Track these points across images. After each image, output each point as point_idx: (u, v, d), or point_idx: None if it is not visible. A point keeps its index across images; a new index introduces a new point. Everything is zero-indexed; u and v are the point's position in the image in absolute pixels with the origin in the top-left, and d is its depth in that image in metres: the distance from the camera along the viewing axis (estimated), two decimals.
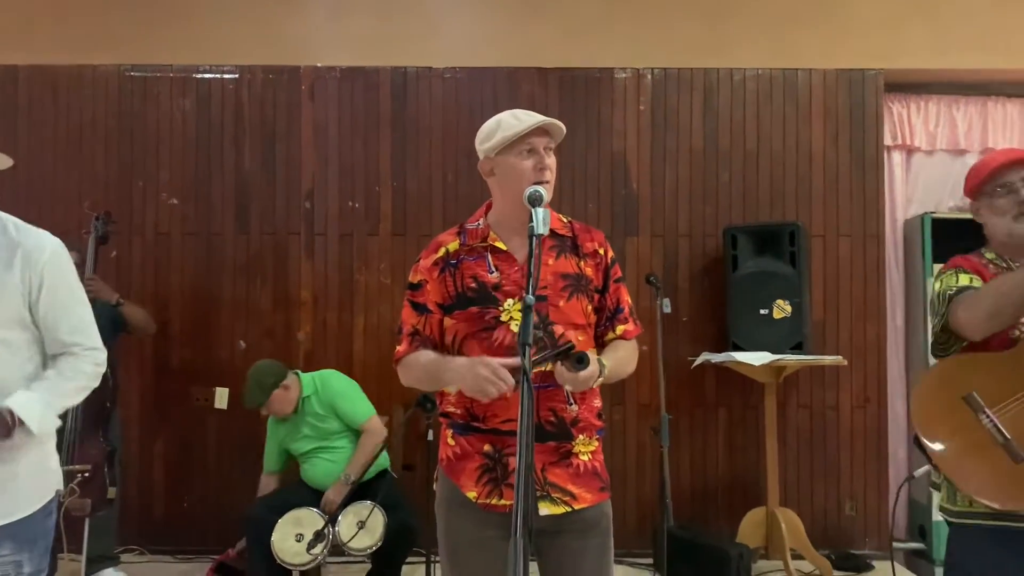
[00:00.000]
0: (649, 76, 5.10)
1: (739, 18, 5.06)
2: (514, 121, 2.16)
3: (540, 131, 2.18)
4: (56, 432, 2.20)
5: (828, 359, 4.52)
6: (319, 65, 5.08)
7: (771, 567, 4.60)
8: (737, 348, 4.60)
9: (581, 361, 1.86)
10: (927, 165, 5.30)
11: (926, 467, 2.19)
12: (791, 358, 4.46)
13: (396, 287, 4.98)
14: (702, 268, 5.03)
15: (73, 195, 4.98)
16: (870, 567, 4.64)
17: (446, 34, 5.08)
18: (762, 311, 4.58)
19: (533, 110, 5.10)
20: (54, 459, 2.21)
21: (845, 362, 4.65)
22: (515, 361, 1.84)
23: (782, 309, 4.55)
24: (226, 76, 5.08)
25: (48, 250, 2.11)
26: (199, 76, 5.08)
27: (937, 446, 2.13)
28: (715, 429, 5.00)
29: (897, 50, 5.03)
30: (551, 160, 2.18)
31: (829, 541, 4.84)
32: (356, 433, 4.02)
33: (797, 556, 4.58)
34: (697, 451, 4.99)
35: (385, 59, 5.07)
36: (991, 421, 2.06)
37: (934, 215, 4.95)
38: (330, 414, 4.05)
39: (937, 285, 2.25)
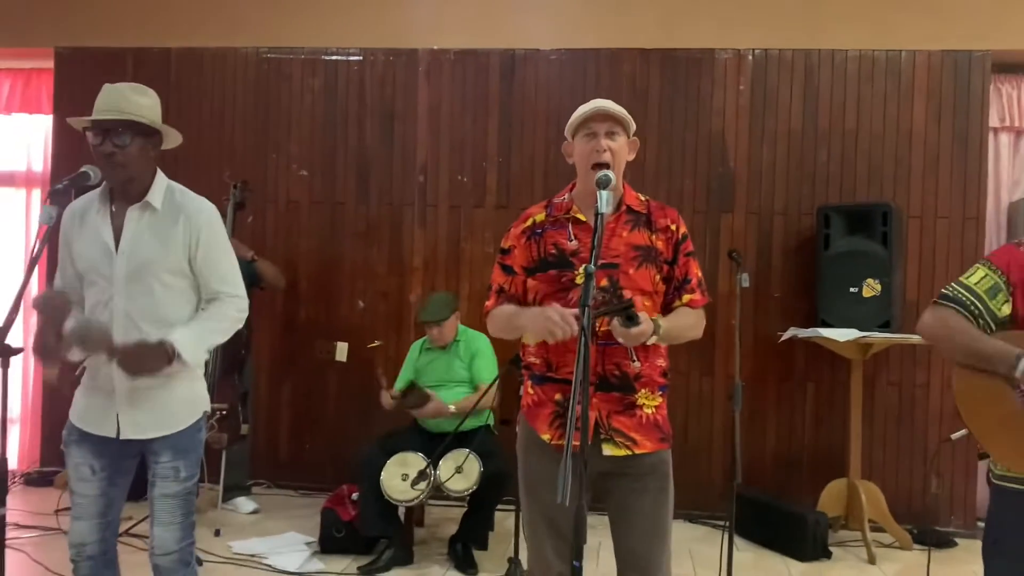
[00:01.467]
0: (750, 57, 5.23)
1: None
2: (580, 110, 2.43)
3: (601, 116, 2.39)
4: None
5: (915, 338, 4.58)
6: (434, 48, 5.45)
7: (850, 537, 4.76)
8: (826, 325, 4.73)
9: (631, 319, 2.14)
10: None
11: (963, 431, 2.37)
12: (878, 336, 4.56)
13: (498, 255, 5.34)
14: (795, 246, 5.16)
15: (215, 165, 5.55)
16: (953, 543, 4.72)
17: (551, 17, 5.36)
18: (852, 289, 4.69)
19: (634, 91, 5.39)
20: (202, 385, 2.66)
21: None
22: (575, 311, 2.12)
23: (872, 288, 4.65)
24: (351, 58, 5.52)
25: (206, 212, 2.57)
26: (326, 58, 5.55)
27: (974, 417, 2.31)
28: (802, 402, 5.16)
29: (1006, 30, 4.97)
30: (611, 143, 2.37)
31: (913, 517, 4.93)
32: (475, 389, 4.39)
33: (877, 528, 4.72)
34: (783, 423, 5.17)
35: (495, 42, 5.39)
36: (1022, 394, 2.22)
37: None
38: (467, 364, 4.46)
39: None
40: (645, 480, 2.39)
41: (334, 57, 5.54)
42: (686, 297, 2.47)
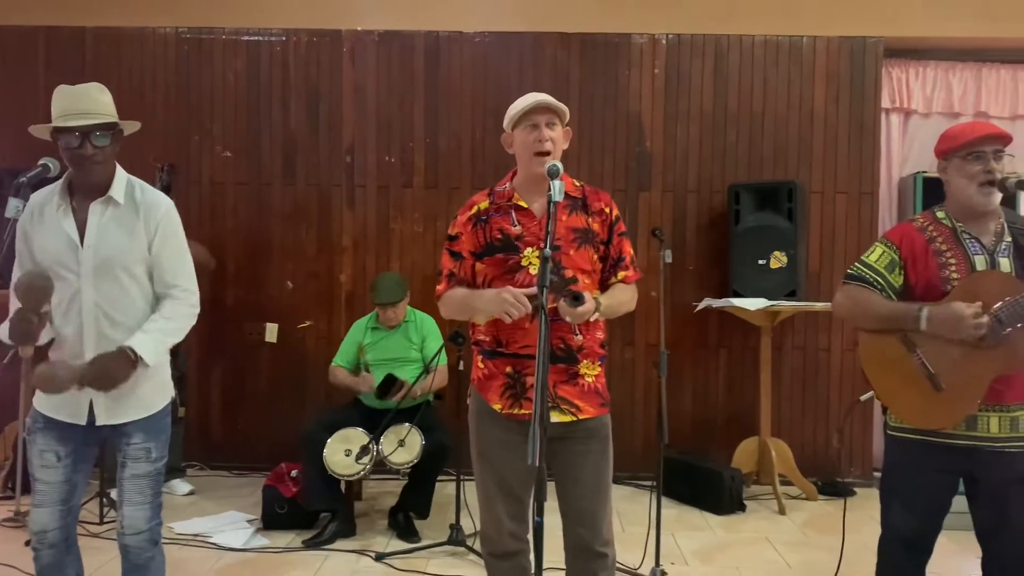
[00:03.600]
0: (664, 41, 5.49)
1: None
2: (520, 102, 2.60)
3: (541, 108, 2.57)
4: None
5: (819, 305, 4.97)
6: (359, 29, 5.51)
7: (762, 491, 5.15)
8: (737, 295, 5.07)
9: (577, 299, 2.35)
10: (923, 127, 5.67)
11: (870, 393, 2.68)
12: (784, 304, 4.93)
13: (428, 235, 5.50)
14: (708, 221, 5.49)
15: (136, 147, 5.41)
16: (852, 493, 5.14)
17: (474, 0, 5.48)
18: (760, 261, 5.04)
19: (556, 73, 5.57)
20: (168, 373, 2.76)
21: None
22: (531, 290, 2.33)
23: (779, 260, 5.00)
24: (273, 39, 5.53)
25: (164, 207, 2.65)
26: (248, 39, 5.53)
27: (878, 378, 2.62)
28: (716, 367, 5.52)
29: (897, 18, 5.38)
30: (551, 132, 2.56)
31: (817, 470, 5.36)
32: (422, 369, 4.49)
33: (786, 482, 5.13)
34: (699, 386, 5.52)
35: (419, 23, 5.49)
36: (919, 358, 2.53)
37: (926, 175, 5.29)
38: (419, 345, 4.60)
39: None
40: (588, 443, 2.60)
41: (256, 38, 5.53)
42: (621, 274, 2.68)
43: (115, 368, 2.47)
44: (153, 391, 2.65)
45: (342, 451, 4.19)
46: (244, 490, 5.11)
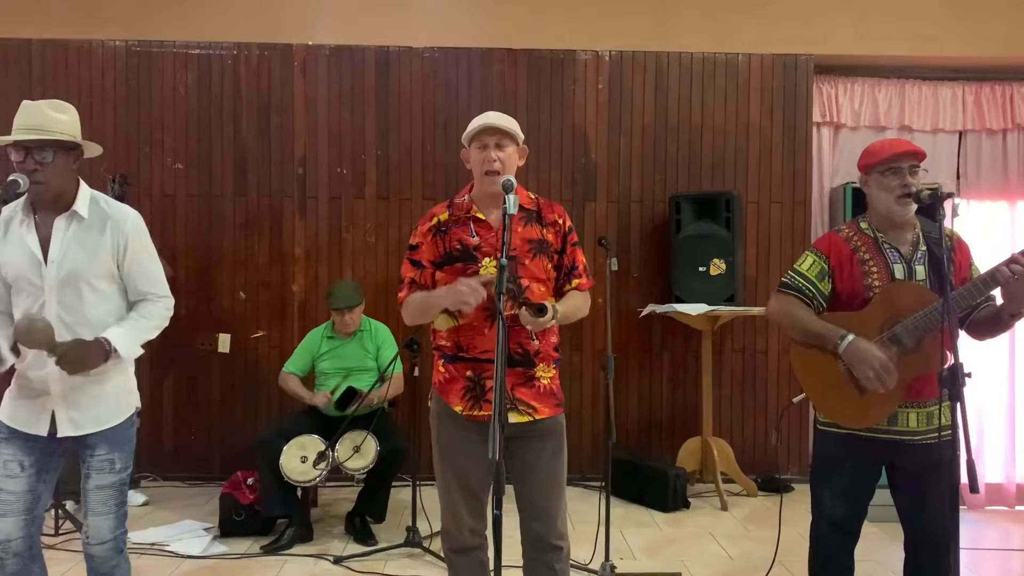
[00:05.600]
0: (607, 57, 5.70)
1: (686, 7, 5.68)
2: (474, 123, 2.76)
3: (491, 130, 2.73)
4: None
5: (756, 310, 5.22)
6: (310, 43, 5.60)
7: (705, 488, 5.38)
8: (679, 300, 5.29)
9: (541, 311, 2.51)
10: (851, 140, 5.96)
11: (802, 395, 2.89)
12: (724, 309, 5.16)
13: (380, 245, 5.61)
14: (651, 230, 5.71)
15: (87, 160, 5.43)
16: (790, 488, 5.40)
17: (425, 16, 5.63)
18: (700, 268, 5.27)
19: (503, 87, 5.75)
20: (133, 383, 2.82)
21: None
22: (486, 277, 2.49)
23: (718, 267, 5.24)
24: (224, 52, 5.58)
25: (130, 220, 2.71)
26: (199, 52, 5.58)
27: (808, 381, 2.83)
28: (660, 370, 5.73)
29: (826, 37, 5.68)
30: (499, 153, 2.72)
31: (756, 467, 5.61)
32: (382, 376, 4.57)
33: (728, 480, 5.36)
34: (644, 389, 5.72)
35: (370, 38, 5.61)
36: (843, 364, 2.74)
37: (855, 185, 5.55)
38: (374, 354, 4.71)
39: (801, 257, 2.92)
40: (544, 441, 2.75)
41: (207, 51, 5.58)
42: (575, 282, 2.84)
43: (87, 353, 2.53)
44: (114, 402, 2.71)
45: (298, 457, 4.27)
46: (198, 499, 5.13)
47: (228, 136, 5.60)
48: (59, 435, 2.62)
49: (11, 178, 2.53)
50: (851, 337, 2.67)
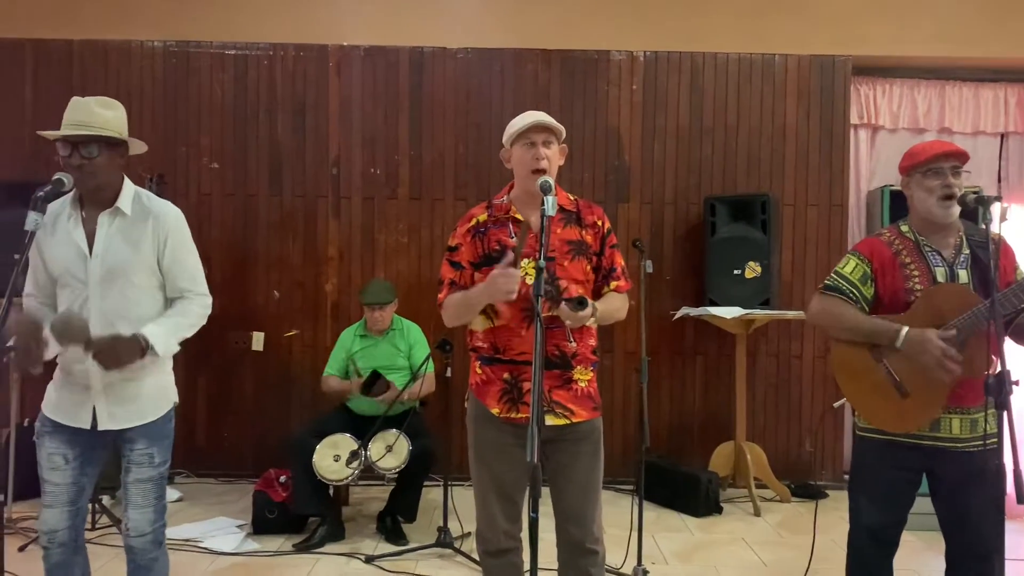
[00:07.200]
0: (642, 58, 5.67)
1: (721, 7, 5.63)
2: (519, 121, 2.74)
3: (539, 128, 2.71)
4: None
5: (791, 313, 5.16)
6: (345, 44, 5.63)
7: (738, 494, 5.33)
8: (713, 303, 5.25)
9: (581, 303, 2.49)
10: (890, 142, 5.89)
11: (843, 400, 2.85)
12: (759, 312, 5.11)
13: (412, 245, 5.63)
14: (685, 233, 5.66)
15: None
16: (824, 495, 5.34)
17: (459, 17, 5.64)
18: (735, 271, 5.22)
19: (536, 88, 5.74)
20: (171, 378, 2.85)
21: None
22: (510, 256, 2.51)
23: (753, 270, 5.19)
24: (260, 53, 5.63)
25: (172, 215, 2.74)
26: (235, 52, 5.63)
27: (849, 385, 2.79)
28: (692, 374, 5.69)
29: (865, 39, 5.61)
30: (547, 151, 2.70)
31: (790, 473, 5.55)
32: (414, 375, 4.58)
33: (761, 485, 5.30)
34: (676, 393, 5.68)
35: (404, 39, 5.62)
36: (886, 367, 2.70)
37: (893, 188, 5.47)
38: (407, 353, 4.72)
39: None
40: (580, 444, 2.73)
41: (243, 52, 5.63)
42: (613, 284, 2.82)
43: (123, 349, 2.54)
44: (153, 397, 2.74)
45: (331, 456, 4.29)
46: (231, 496, 5.18)
47: (264, 136, 5.65)
48: (99, 428, 2.66)
49: (56, 176, 2.56)
50: (907, 328, 2.62)
